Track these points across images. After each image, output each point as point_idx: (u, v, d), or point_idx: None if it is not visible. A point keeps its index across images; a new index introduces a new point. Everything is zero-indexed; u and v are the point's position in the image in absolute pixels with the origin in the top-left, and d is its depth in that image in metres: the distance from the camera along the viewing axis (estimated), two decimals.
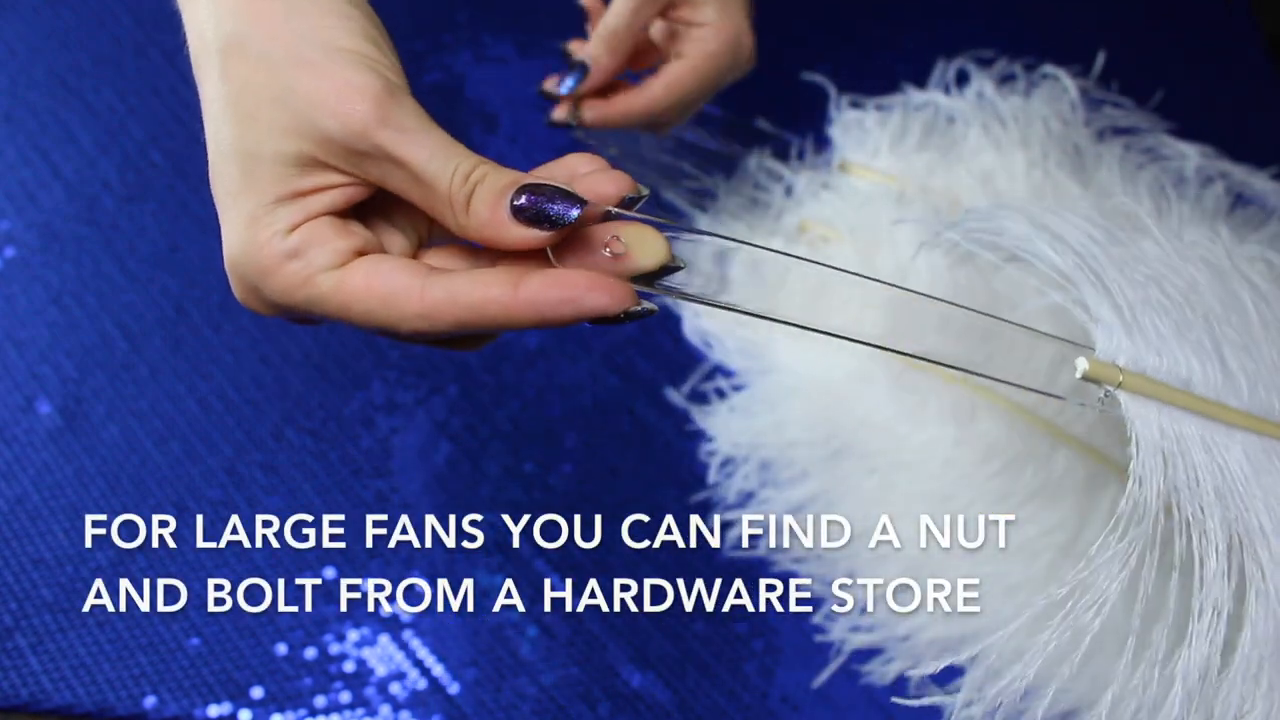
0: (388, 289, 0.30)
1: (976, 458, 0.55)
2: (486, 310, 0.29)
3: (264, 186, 0.30)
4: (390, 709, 0.52)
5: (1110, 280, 0.36)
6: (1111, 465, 0.53)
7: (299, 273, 0.30)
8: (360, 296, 0.30)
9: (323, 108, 0.29)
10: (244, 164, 0.30)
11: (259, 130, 0.30)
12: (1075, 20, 0.76)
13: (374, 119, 0.29)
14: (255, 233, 0.30)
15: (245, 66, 0.30)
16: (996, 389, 0.55)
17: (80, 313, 0.61)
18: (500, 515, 0.57)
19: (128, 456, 0.57)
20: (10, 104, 0.69)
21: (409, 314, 0.29)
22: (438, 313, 0.29)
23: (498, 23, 0.74)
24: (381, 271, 0.30)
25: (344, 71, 0.30)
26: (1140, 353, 0.35)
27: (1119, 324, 0.36)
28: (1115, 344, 0.35)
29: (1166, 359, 0.35)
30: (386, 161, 0.30)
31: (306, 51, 0.30)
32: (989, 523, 0.54)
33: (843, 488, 0.56)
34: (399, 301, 0.30)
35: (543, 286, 0.29)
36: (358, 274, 0.30)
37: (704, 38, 0.51)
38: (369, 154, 0.30)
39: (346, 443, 0.58)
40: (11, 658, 0.52)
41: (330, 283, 0.30)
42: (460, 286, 0.29)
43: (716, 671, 0.53)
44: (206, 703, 0.51)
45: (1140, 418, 0.35)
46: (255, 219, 0.30)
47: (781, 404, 0.58)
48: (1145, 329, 0.36)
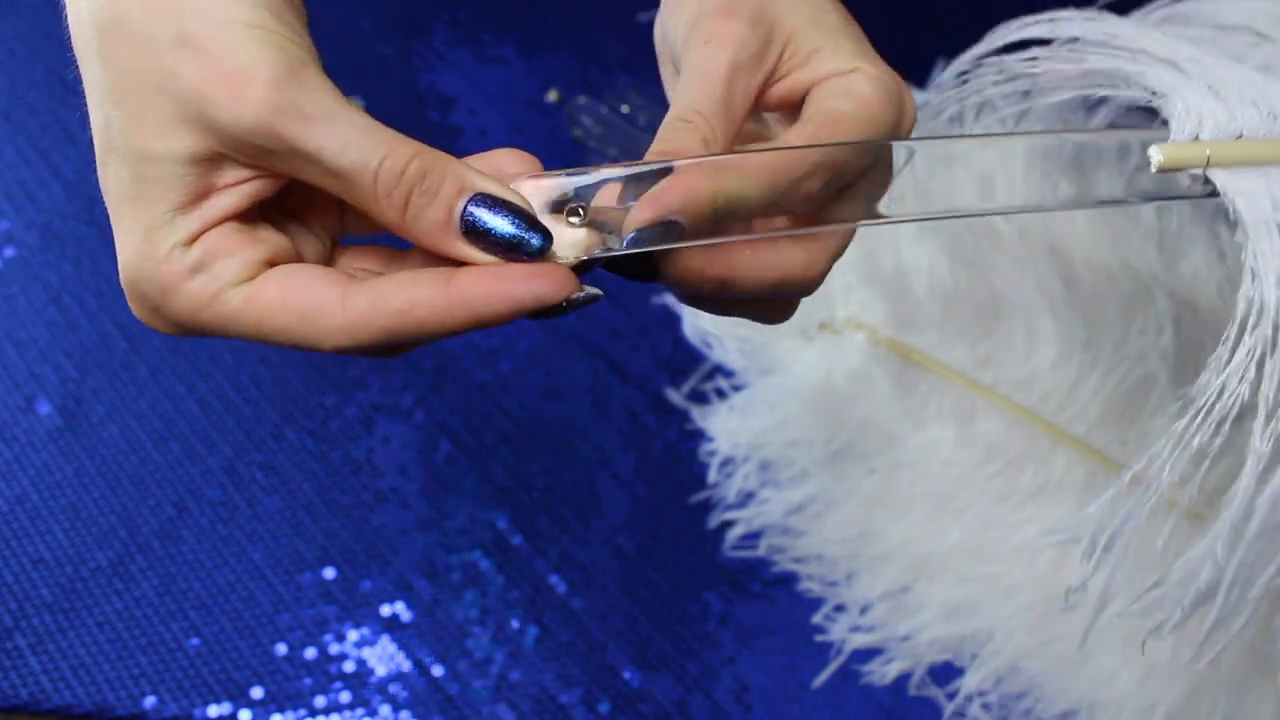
0: (305, 303, 0.26)
1: (976, 458, 0.55)
2: (415, 314, 0.26)
3: (158, 192, 0.26)
4: (390, 709, 0.52)
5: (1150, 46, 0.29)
6: (1112, 465, 0.53)
7: (204, 289, 0.26)
8: (274, 313, 0.26)
9: (211, 96, 0.25)
10: (134, 165, 0.26)
11: (146, 125, 0.26)
12: None
13: (271, 106, 0.25)
14: (152, 247, 0.26)
15: (124, 48, 0.26)
16: (997, 389, 0.55)
17: (80, 313, 0.61)
18: (500, 515, 0.57)
19: (128, 456, 0.57)
20: (10, 104, 0.69)
21: (330, 329, 0.26)
22: (362, 325, 0.26)
23: (499, 23, 0.74)
24: (297, 283, 0.26)
25: (234, 51, 0.25)
26: (1226, 116, 0.28)
27: (1189, 89, 0.28)
28: (1193, 116, 0.28)
29: (1260, 110, 0.28)
30: (294, 155, 0.26)
31: (191, 26, 0.25)
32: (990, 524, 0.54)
33: (843, 488, 0.56)
34: (318, 316, 0.26)
35: (476, 280, 0.26)
36: (270, 287, 0.26)
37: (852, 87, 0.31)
38: (270, 148, 0.26)
39: (346, 443, 0.58)
40: (11, 658, 0.52)
41: (239, 299, 0.26)
42: (385, 292, 0.26)
43: (716, 671, 0.53)
44: (206, 703, 0.51)
45: (1242, 193, 0.27)
46: (151, 230, 0.26)
47: (781, 404, 0.58)
48: (1222, 85, 0.28)
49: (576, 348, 0.62)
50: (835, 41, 0.31)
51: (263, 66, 0.25)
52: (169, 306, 0.27)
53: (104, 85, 0.27)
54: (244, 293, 0.27)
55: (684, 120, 0.30)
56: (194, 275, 0.27)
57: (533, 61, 0.71)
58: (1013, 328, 0.56)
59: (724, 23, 0.30)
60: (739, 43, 0.30)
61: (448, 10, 0.74)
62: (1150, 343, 0.52)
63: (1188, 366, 0.52)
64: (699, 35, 0.30)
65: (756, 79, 0.31)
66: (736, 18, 0.30)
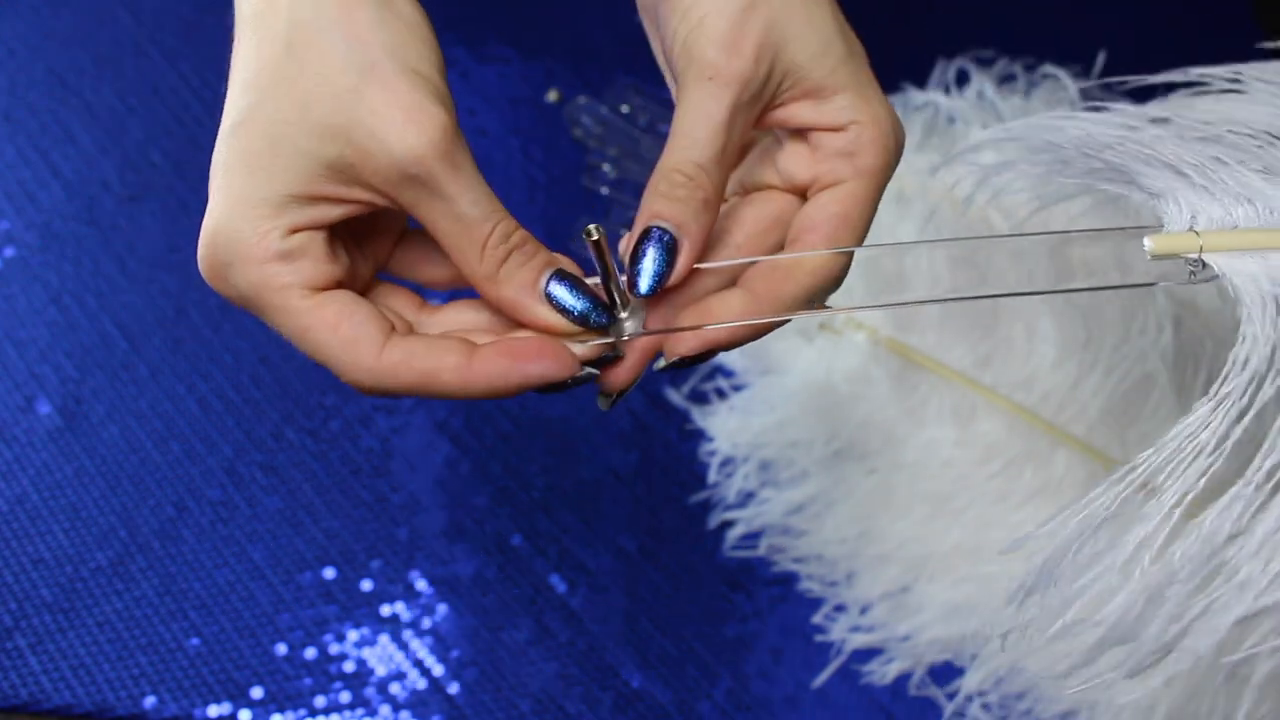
0: (353, 335, 0.29)
1: (976, 458, 0.55)
2: (440, 378, 0.29)
3: (284, 175, 0.29)
4: (390, 709, 0.52)
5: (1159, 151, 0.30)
6: (1111, 465, 0.53)
7: (280, 276, 0.29)
8: (324, 331, 0.29)
9: (389, 122, 0.28)
10: (271, 144, 0.29)
11: (307, 120, 0.29)
12: (1075, 20, 0.76)
13: (438, 146, 0.29)
14: (256, 217, 0.29)
15: (314, 54, 0.29)
16: (997, 389, 0.55)
17: (80, 313, 0.61)
18: (500, 515, 0.57)
19: (128, 456, 0.57)
20: (10, 104, 0.69)
21: (362, 368, 0.29)
22: (390, 375, 0.29)
23: (499, 23, 0.74)
24: (354, 316, 0.29)
25: (418, 95, 0.29)
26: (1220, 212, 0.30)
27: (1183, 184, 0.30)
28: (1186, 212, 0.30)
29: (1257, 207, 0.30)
30: (432, 193, 0.29)
31: (381, 61, 0.29)
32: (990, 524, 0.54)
33: (843, 488, 0.56)
34: (357, 352, 0.29)
35: (494, 356, 0.29)
36: (331, 308, 0.29)
37: (852, 147, 0.32)
38: (419, 180, 0.29)
39: (346, 443, 0.58)
40: (11, 658, 0.52)
41: (305, 303, 0.29)
42: (417, 351, 0.29)
43: (716, 671, 0.53)
44: (206, 703, 0.51)
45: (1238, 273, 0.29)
46: (261, 201, 0.29)
47: (781, 404, 0.58)
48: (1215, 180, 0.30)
49: None
50: (836, 78, 0.32)
51: (439, 113, 0.29)
52: (242, 274, 0.29)
53: (277, 73, 0.29)
54: (312, 300, 0.29)
55: (684, 176, 0.31)
56: (279, 260, 0.29)
57: (533, 62, 0.71)
58: (1013, 328, 0.56)
59: (729, 59, 0.31)
60: (742, 83, 0.31)
61: (448, 10, 0.74)
62: (1150, 343, 0.52)
63: (1188, 366, 0.52)
64: (702, 68, 0.31)
65: (754, 113, 0.32)
66: (741, 54, 0.31)
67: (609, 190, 0.64)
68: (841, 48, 0.32)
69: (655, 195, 0.31)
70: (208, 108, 0.68)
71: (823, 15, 0.32)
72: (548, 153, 0.67)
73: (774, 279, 0.32)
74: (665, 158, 0.31)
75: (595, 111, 0.66)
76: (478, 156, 0.31)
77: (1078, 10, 0.77)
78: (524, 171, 0.66)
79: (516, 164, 0.66)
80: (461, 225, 0.30)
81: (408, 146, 0.28)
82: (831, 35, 0.32)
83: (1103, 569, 0.28)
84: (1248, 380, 0.28)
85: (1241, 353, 0.28)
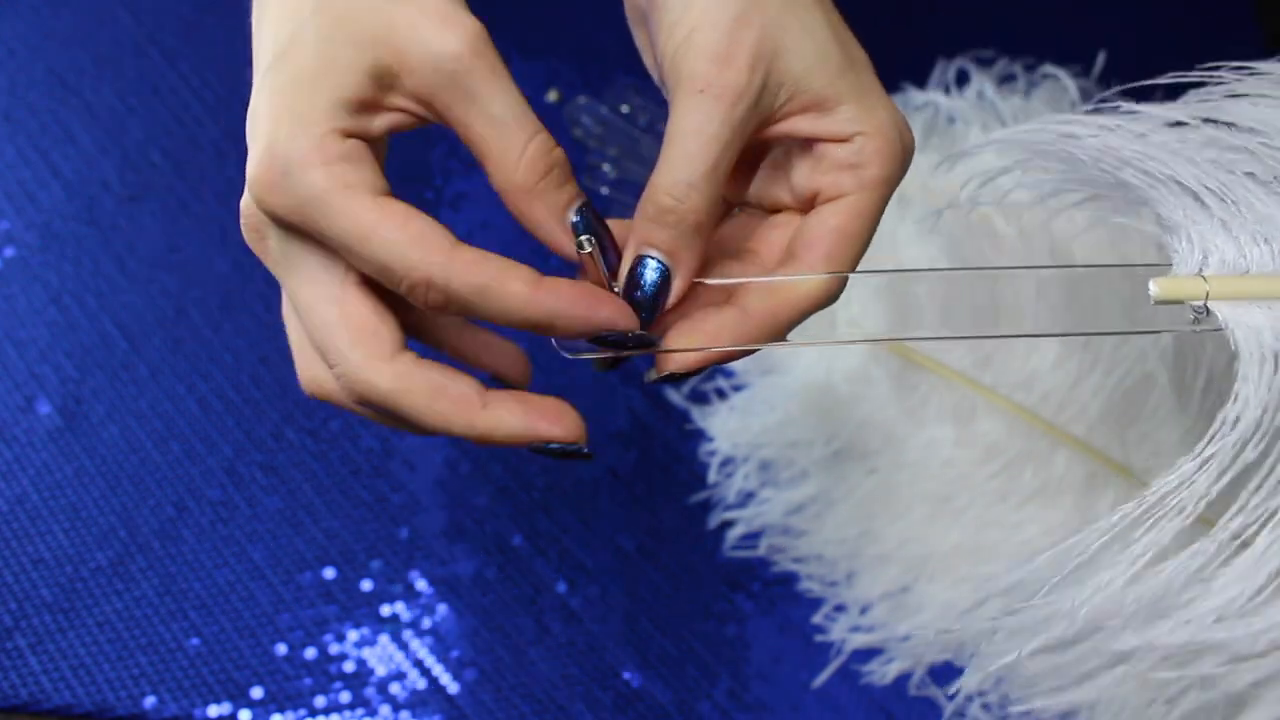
0: (422, 229, 0.28)
1: (976, 458, 0.55)
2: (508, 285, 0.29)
3: (334, 85, 0.29)
4: (390, 709, 0.52)
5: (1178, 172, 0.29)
6: (1112, 465, 0.53)
7: (347, 175, 0.29)
8: (394, 228, 0.28)
9: (427, 26, 0.29)
10: (320, 61, 0.29)
11: (347, 31, 0.29)
12: (1075, 20, 0.76)
13: (472, 47, 0.29)
14: (313, 127, 0.29)
15: None
16: (997, 389, 0.55)
17: (80, 313, 0.61)
18: (500, 515, 0.57)
19: (128, 456, 0.57)
20: (10, 104, 0.69)
21: (433, 260, 0.28)
22: (461, 268, 0.28)
23: (499, 23, 0.74)
24: (423, 216, 0.29)
25: (452, 5, 0.30)
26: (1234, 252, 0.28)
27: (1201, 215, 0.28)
28: (1198, 251, 0.28)
29: (1273, 248, 0.28)
30: (469, 95, 0.29)
31: None
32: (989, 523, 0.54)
33: (843, 488, 0.56)
34: (428, 244, 0.28)
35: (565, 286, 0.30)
36: (398, 206, 0.29)
37: (856, 159, 0.31)
38: (457, 79, 0.29)
39: (346, 443, 0.58)
40: (11, 658, 0.52)
41: (372, 201, 0.29)
42: (490, 257, 0.29)
43: (716, 671, 0.53)
44: (206, 703, 0.51)
45: (1242, 325, 0.28)
46: (316, 112, 0.29)
47: (781, 404, 0.58)
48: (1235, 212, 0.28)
49: None
50: (837, 89, 0.31)
51: (473, 21, 0.29)
52: (304, 180, 0.28)
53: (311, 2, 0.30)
54: (379, 199, 0.29)
55: (673, 199, 0.30)
56: (343, 161, 0.29)
57: (533, 61, 0.71)
58: (1016, 328, 0.56)
59: (721, 71, 0.30)
60: (735, 96, 0.30)
61: None
62: (1150, 342, 0.52)
63: (1188, 366, 0.52)
64: (693, 80, 0.30)
65: (751, 127, 0.31)
66: (734, 66, 0.30)
67: (609, 190, 0.64)
68: (839, 57, 0.31)
69: (645, 220, 0.31)
70: (208, 108, 0.68)
71: (818, 24, 0.31)
72: None
73: (770, 300, 0.31)
74: (655, 176, 0.30)
75: (595, 111, 0.66)
76: None
77: (1078, 10, 0.77)
78: None
79: None
80: (499, 129, 0.29)
81: (445, 45, 0.29)
82: (828, 44, 0.31)
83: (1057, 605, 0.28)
84: (1234, 442, 0.27)
85: (1232, 412, 0.27)
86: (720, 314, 0.31)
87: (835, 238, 0.31)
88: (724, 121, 0.30)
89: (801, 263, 0.32)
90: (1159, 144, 0.30)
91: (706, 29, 0.30)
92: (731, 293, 0.32)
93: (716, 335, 0.31)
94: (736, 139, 0.30)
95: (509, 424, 0.30)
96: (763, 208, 0.35)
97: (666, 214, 0.30)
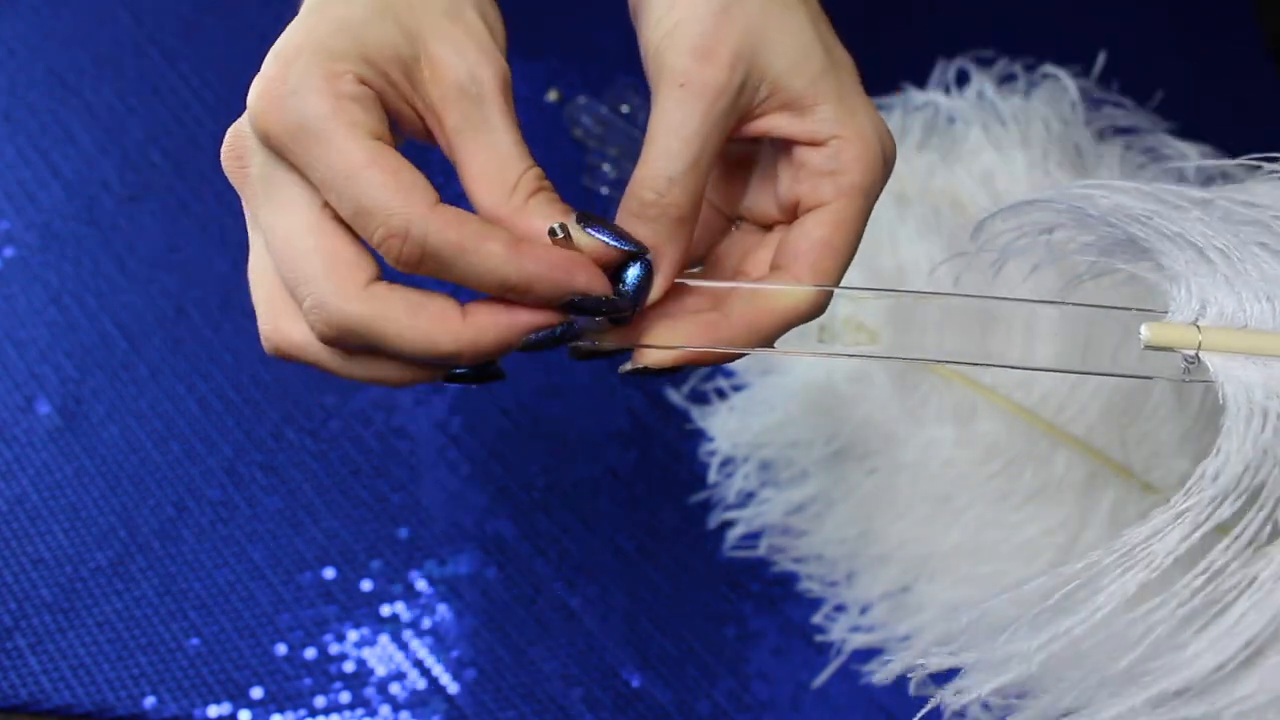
0: (412, 181, 0.28)
1: (976, 458, 0.55)
2: (487, 244, 0.28)
3: (368, 43, 0.29)
4: (390, 709, 0.52)
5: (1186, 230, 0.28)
6: (1112, 465, 0.53)
7: (353, 113, 0.28)
8: (383, 173, 0.28)
9: (466, 48, 0.30)
10: (366, 23, 0.29)
11: (394, 18, 0.30)
12: (1075, 20, 0.76)
13: (501, 82, 0.30)
14: (333, 58, 0.28)
15: None
16: (997, 389, 0.55)
17: (80, 313, 0.61)
18: (500, 515, 0.57)
19: (128, 456, 0.57)
20: (10, 104, 0.69)
21: (416, 212, 0.28)
22: (440, 225, 0.28)
23: None
24: (414, 170, 0.29)
25: (491, 41, 0.31)
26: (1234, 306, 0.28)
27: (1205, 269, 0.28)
28: (1195, 300, 0.28)
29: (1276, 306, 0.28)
30: (481, 120, 0.30)
31: (469, 11, 0.31)
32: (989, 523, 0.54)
33: (843, 488, 0.56)
34: (412, 197, 0.28)
35: (544, 249, 0.29)
36: (393, 154, 0.28)
37: (834, 165, 0.31)
38: (476, 102, 0.30)
39: (346, 443, 0.58)
40: (11, 658, 0.52)
41: (370, 143, 0.28)
42: (471, 217, 0.29)
43: (716, 671, 0.53)
44: (206, 703, 0.51)
45: (1232, 379, 0.28)
46: (339, 50, 0.29)
47: (781, 404, 0.58)
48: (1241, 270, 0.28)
49: None
50: (817, 89, 0.31)
51: (503, 62, 0.31)
52: (310, 102, 0.28)
53: None
54: (377, 143, 0.28)
55: (655, 194, 0.30)
56: (352, 100, 0.28)
57: (533, 61, 0.71)
58: (1012, 328, 0.56)
59: (702, 67, 0.30)
60: (716, 92, 0.30)
61: None
62: None
63: None
64: (674, 75, 0.30)
65: (730, 123, 0.31)
66: (715, 62, 0.30)
67: (609, 190, 0.64)
68: (822, 57, 0.31)
69: (628, 215, 0.30)
70: (208, 108, 0.68)
71: (801, 24, 0.31)
72: (548, 153, 0.67)
73: (753, 308, 0.31)
74: (637, 171, 0.30)
75: (595, 111, 0.66)
76: None
77: (1078, 10, 0.77)
78: None
79: None
80: (499, 159, 0.30)
81: (478, 67, 0.30)
82: (810, 43, 0.31)
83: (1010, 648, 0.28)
84: (1211, 498, 0.26)
85: (1212, 467, 0.27)
86: (701, 316, 0.31)
87: (819, 250, 0.31)
88: (704, 117, 0.30)
89: (786, 275, 0.31)
90: (1172, 206, 0.30)
91: (689, 24, 0.30)
92: (719, 300, 0.32)
93: (694, 335, 0.31)
94: (716, 134, 0.30)
95: (496, 323, 0.29)
96: (756, 221, 0.35)
97: (648, 208, 0.30)
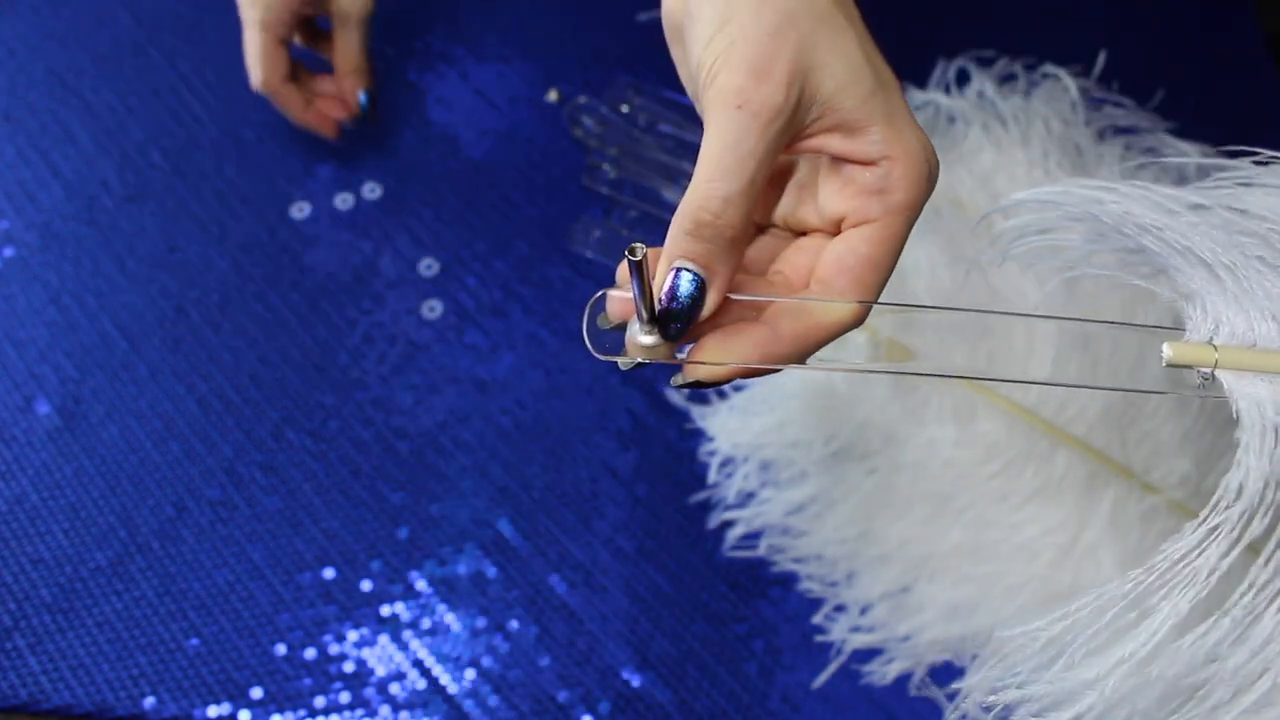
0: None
1: (976, 458, 0.55)
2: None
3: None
4: (390, 709, 0.52)
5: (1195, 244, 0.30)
6: (1112, 465, 0.53)
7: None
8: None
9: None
10: None
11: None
12: (1075, 20, 0.76)
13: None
14: None
15: None
16: (997, 389, 0.55)
17: (80, 313, 0.61)
18: (500, 515, 0.57)
19: (127, 456, 0.57)
20: (10, 104, 0.69)
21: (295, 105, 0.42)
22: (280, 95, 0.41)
23: (499, 22, 0.74)
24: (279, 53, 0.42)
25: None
26: (1244, 325, 0.29)
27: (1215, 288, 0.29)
28: (1210, 320, 0.30)
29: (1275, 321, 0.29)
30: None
31: None
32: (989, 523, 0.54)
33: (843, 488, 0.56)
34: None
35: None
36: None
37: (883, 184, 0.32)
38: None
39: (346, 443, 0.58)
40: (11, 658, 0.52)
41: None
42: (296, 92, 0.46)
43: (716, 671, 0.53)
44: (206, 703, 0.51)
45: (1245, 396, 0.29)
46: None
47: (781, 404, 0.58)
48: (1248, 289, 0.29)
49: (577, 348, 0.62)
50: (867, 110, 0.31)
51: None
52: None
53: None
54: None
55: (710, 215, 0.30)
56: None
57: (533, 61, 0.71)
58: (1012, 328, 0.56)
59: (758, 87, 0.30)
60: (773, 113, 0.30)
61: (449, 10, 0.74)
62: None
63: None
64: (729, 95, 0.30)
65: (784, 143, 0.31)
66: (771, 82, 0.30)
67: (609, 190, 0.64)
68: (871, 78, 0.31)
69: (682, 234, 0.30)
70: (208, 108, 0.68)
71: (850, 45, 0.31)
72: (548, 153, 0.67)
73: (800, 322, 0.31)
74: (692, 190, 0.30)
75: (595, 111, 0.66)
76: (478, 156, 0.30)
77: (1078, 10, 0.77)
78: (524, 172, 0.66)
79: (516, 164, 0.66)
80: None
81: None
82: (860, 65, 0.31)
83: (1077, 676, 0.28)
84: (1240, 513, 0.27)
85: (1235, 480, 0.28)
86: (752, 331, 0.31)
87: (864, 266, 0.31)
88: (760, 137, 0.30)
89: (831, 288, 0.32)
90: (1178, 216, 0.30)
91: (742, 44, 0.30)
92: (761, 311, 0.32)
93: (747, 351, 0.31)
94: (771, 154, 0.30)
95: None
96: (789, 229, 0.35)
97: (703, 228, 0.30)
